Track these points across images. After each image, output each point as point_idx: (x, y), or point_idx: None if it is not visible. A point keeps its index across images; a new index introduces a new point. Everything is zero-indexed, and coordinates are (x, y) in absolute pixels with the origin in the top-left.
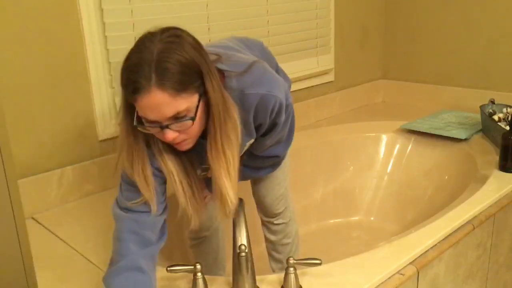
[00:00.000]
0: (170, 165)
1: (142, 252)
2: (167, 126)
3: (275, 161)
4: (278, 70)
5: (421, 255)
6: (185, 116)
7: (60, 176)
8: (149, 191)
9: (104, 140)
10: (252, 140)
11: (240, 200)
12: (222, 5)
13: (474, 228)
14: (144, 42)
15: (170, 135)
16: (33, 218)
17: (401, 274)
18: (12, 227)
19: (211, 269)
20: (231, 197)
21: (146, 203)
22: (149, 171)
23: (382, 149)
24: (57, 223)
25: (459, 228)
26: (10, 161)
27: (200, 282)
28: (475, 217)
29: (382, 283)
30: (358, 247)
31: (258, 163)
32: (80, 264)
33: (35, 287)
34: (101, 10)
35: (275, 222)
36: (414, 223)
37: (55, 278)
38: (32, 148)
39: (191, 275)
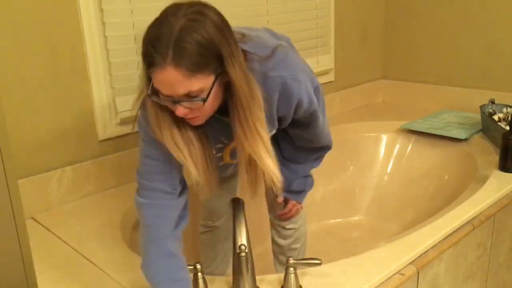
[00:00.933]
0: (190, 132)
1: (170, 235)
2: (179, 102)
3: (323, 153)
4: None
5: (421, 255)
6: (197, 96)
7: (60, 176)
8: (180, 151)
9: (104, 140)
10: (274, 131)
11: (240, 200)
12: (222, 5)
13: (474, 228)
14: (168, 15)
15: (181, 110)
16: (33, 218)
17: (401, 274)
18: (12, 227)
19: (214, 260)
20: (277, 174)
21: (169, 183)
22: (177, 135)
23: (382, 149)
24: (57, 223)
25: (459, 228)
26: (10, 161)
27: (200, 282)
28: (475, 217)
29: (382, 283)
30: (358, 247)
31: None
32: (80, 264)
33: (35, 287)
34: (101, 10)
35: (287, 226)
36: (414, 223)
37: (55, 278)
38: (32, 148)
39: (191, 275)
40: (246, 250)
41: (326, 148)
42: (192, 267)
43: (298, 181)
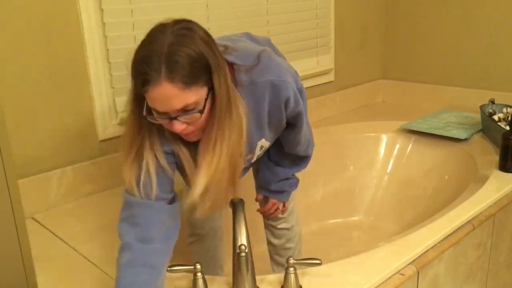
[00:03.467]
0: (184, 148)
1: (158, 240)
2: (175, 118)
3: (305, 162)
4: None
5: (421, 255)
6: (193, 109)
7: (60, 176)
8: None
9: (104, 140)
10: (263, 141)
11: (240, 200)
12: (222, 5)
13: (474, 228)
14: (156, 34)
15: (178, 126)
16: (33, 218)
17: (401, 274)
18: (12, 227)
19: (208, 267)
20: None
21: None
22: (162, 155)
23: (382, 149)
24: (57, 223)
25: (459, 228)
26: (10, 161)
27: (200, 282)
28: (475, 217)
29: (382, 283)
30: (358, 247)
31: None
32: (80, 264)
33: (35, 287)
34: (101, 10)
35: (278, 226)
36: (414, 223)
37: (55, 278)
38: (32, 148)
39: (191, 275)
40: (246, 250)
41: (308, 157)
42: (192, 267)
43: (278, 182)
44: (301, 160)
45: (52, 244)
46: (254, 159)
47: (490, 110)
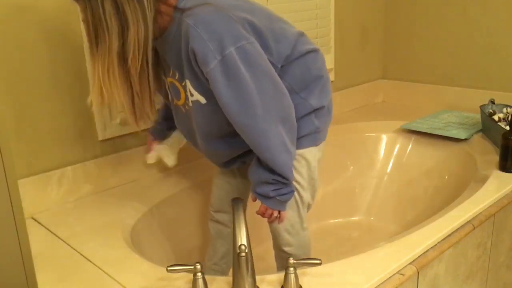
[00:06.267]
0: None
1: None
2: None
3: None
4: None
5: (421, 255)
6: None
7: (60, 176)
8: None
9: (104, 140)
10: (189, 84)
11: (240, 200)
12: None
13: (474, 228)
14: None
15: None
16: (33, 218)
17: (401, 274)
18: (12, 227)
19: (215, 255)
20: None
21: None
22: None
23: (382, 149)
24: (57, 223)
25: (459, 228)
26: (10, 161)
27: (200, 282)
28: (475, 217)
29: (382, 283)
30: (358, 247)
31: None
32: (80, 264)
33: (35, 287)
34: None
35: (284, 249)
36: (414, 223)
37: (55, 278)
38: (32, 148)
39: (191, 275)
40: (246, 250)
41: (285, 178)
42: (192, 267)
43: (261, 185)
44: (276, 170)
45: (52, 244)
46: (190, 103)
47: (490, 110)
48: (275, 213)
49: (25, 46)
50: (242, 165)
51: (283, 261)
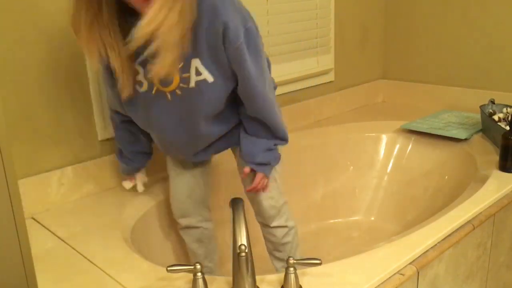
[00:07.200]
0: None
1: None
2: None
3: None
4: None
5: (421, 255)
6: None
7: (60, 176)
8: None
9: (104, 140)
10: (198, 62)
11: (240, 200)
12: None
13: (474, 228)
14: None
15: None
16: (33, 218)
17: (401, 274)
18: (12, 227)
19: (196, 259)
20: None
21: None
22: None
23: (382, 149)
24: (57, 223)
25: (459, 228)
26: (10, 161)
27: (200, 282)
28: (475, 217)
29: (382, 283)
30: (358, 247)
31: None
32: (80, 264)
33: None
34: None
35: (272, 225)
36: (414, 223)
37: (55, 278)
38: (32, 148)
39: (191, 275)
40: (246, 250)
41: (281, 139)
42: (192, 267)
43: (262, 154)
44: (277, 132)
45: (52, 244)
46: (192, 84)
47: (490, 110)
48: (265, 180)
49: (25, 46)
50: (210, 156)
51: (280, 261)
